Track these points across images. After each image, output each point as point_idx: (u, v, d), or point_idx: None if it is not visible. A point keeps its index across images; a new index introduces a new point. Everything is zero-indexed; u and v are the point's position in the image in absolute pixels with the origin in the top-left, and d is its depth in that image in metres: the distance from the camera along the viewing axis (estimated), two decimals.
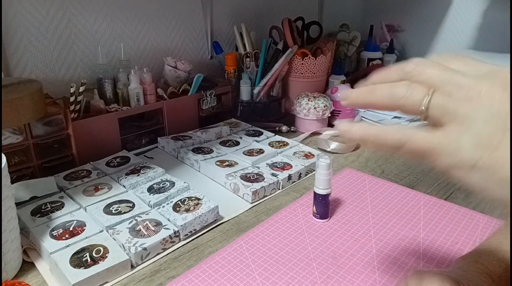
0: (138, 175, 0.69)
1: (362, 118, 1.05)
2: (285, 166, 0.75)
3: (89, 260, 0.49)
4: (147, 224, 0.56)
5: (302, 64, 1.04)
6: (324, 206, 0.60)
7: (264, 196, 0.68)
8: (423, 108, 0.28)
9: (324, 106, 0.94)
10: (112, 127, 0.79)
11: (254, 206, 0.66)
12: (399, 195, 0.68)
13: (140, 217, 0.58)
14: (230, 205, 0.65)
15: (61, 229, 0.55)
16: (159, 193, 0.64)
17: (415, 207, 0.64)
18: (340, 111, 1.00)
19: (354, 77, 1.31)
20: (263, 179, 0.70)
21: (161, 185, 0.66)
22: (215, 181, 0.73)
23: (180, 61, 0.93)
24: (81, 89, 0.73)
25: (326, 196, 0.59)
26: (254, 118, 1.01)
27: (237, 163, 0.76)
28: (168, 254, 0.54)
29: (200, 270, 0.50)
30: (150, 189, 0.65)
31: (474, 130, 0.26)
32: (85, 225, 0.56)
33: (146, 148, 0.86)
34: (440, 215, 0.62)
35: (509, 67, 0.27)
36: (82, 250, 0.51)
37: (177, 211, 0.59)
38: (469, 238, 0.56)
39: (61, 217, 0.58)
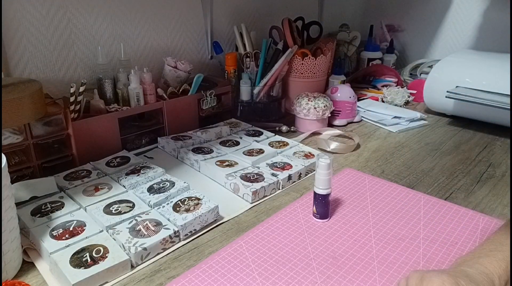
0: (138, 175, 0.69)
1: (362, 118, 1.05)
2: (285, 166, 0.75)
3: (89, 260, 0.49)
4: (147, 224, 0.56)
5: (302, 64, 1.04)
6: (324, 206, 0.60)
7: (264, 196, 0.68)
8: None
9: (324, 106, 0.94)
10: (112, 127, 0.79)
11: (254, 206, 0.66)
12: (399, 195, 0.68)
13: (140, 217, 0.58)
14: (230, 205, 0.65)
15: (61, 229, 0.55)
16: (159, 193, 0.64)
17: (415, 207, 0.64)
18: (340, 111, 1.00)
19: (354, 77, 1.32)
20: (263, 179, 0.70)
21: (161, 185, 0.66)
22: (215, 181, 0.73)
23: (180, 61, 0.93)
24: (81, 89, 0.73)
25: (326, 196, 0.59)
26: (254, 118, 1.01)
27: (237, 163, 0.76)
28: (168, 254, 0.54)
29: (200, 270, 0.50)
30: (150, 189, 0.65)
31: None
32: (85, 225, 0.56)
33: (146, 148, 0.86)
34: (440, 215, 0.62)
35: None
36: (82, 250, 0.51)
37: (177, 211, 0.59)
38: (469, 238, 0.56)
39: (61, 217, 0.58)
